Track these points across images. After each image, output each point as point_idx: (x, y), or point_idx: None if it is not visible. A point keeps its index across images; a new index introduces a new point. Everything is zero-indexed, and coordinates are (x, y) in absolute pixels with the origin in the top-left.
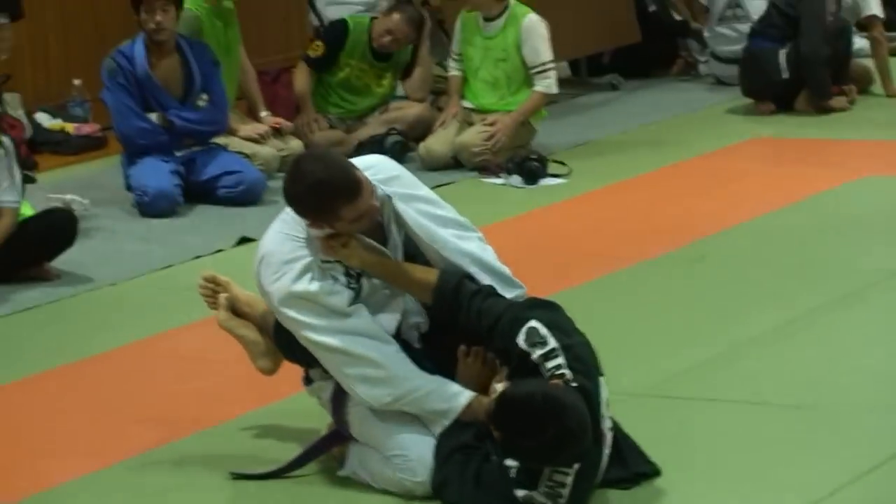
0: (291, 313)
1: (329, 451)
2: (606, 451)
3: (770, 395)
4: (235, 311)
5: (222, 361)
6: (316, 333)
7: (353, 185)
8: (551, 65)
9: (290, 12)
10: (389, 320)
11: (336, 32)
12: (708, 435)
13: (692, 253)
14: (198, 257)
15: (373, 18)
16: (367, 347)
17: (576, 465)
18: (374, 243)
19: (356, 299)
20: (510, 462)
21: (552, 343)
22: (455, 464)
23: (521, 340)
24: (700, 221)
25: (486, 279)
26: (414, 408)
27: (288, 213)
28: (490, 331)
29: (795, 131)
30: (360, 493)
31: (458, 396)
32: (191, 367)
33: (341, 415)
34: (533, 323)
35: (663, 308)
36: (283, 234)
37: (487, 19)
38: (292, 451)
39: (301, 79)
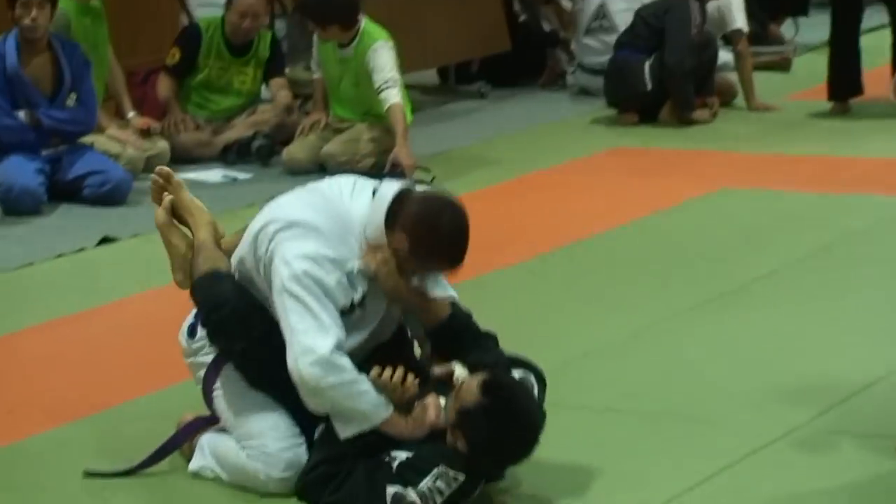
0: (296, 287)
1: (180, 446)
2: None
3: (614, 402)
4: (176, 213)
5: (74, 362)
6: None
7: None
8: (394, 75)
9: (161, 12)
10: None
11: (189, 37)
12: (551, 439)
13: (550, 261)
14: (60, 255)
15: (223, 15)
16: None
17: (461, 477)
18: None
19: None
20: (396, 454)
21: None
22: (319, 475)
23: None
24: (559, 230)
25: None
26: (343, 400)
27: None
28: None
29: (657, 142)
30: (207, 488)
31: (388, 405)
32: (44, 365)
33: (209, 386)
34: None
35: (514, 316)
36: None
37: (341, 45)
38: (148, 447)
39: (164, 85)
